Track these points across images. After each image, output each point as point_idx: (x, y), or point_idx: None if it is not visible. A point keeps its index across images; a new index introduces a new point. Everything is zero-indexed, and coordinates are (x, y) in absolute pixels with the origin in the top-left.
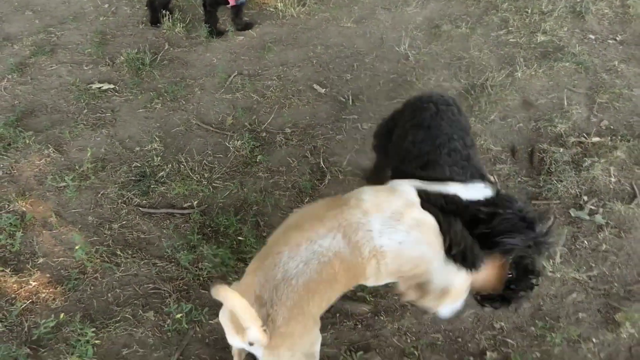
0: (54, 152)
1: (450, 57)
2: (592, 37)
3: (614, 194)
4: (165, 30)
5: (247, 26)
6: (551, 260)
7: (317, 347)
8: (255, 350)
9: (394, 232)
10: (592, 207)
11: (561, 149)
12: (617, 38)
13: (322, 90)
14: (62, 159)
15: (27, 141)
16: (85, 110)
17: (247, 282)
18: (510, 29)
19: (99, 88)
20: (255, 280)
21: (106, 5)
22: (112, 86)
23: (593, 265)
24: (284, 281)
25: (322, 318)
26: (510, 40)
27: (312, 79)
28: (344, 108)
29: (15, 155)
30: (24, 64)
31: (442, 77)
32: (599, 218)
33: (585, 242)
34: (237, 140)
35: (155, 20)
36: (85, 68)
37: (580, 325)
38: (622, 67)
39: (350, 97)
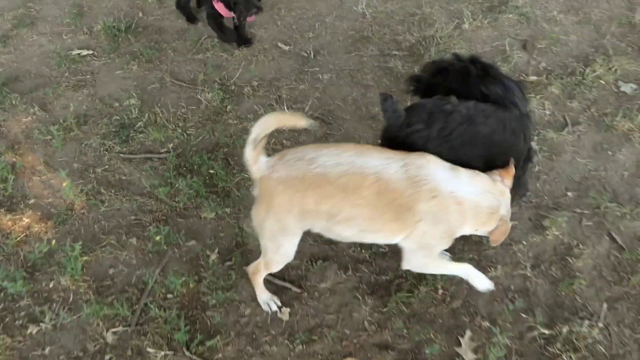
0: (39, 110)
1: (404, 14)
2: None
3: (548, 124)
4: (138, 1)
5: (247, 42)
6: None
7: (285, 244)
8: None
9: (458, 181)
10: None
11: None
12: None
13: (286, 48)
14: (47, 116)
15: (14, 102)
16: (67, 74)
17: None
18: None
19: (79, 54)
20: (293, 149)
21: None
22: (90, 52)
23: (528, 184)
24: (307, 161)
25: None
26: None
27: (277, 38)
28: (306, 62)
29: (3, 115)
30: (6, 36)
31: (397, 32)
32: (533, 145)
33: None
34: (208, 93)
35: (191, 19)
36: (65, 37)
37: (512, 231)
38: (561, 17)
39: (312, 52)
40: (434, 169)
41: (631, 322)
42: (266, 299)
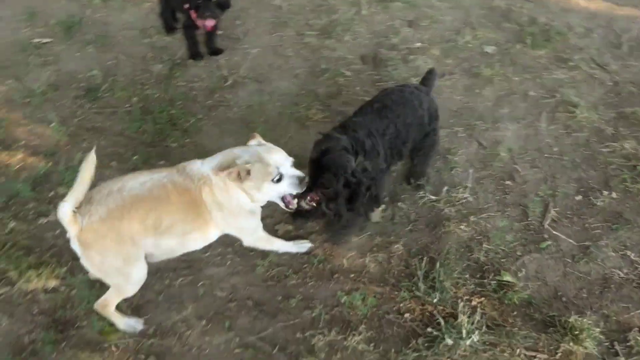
0: (14, 81)
1: (313, 5)
2: None
3: None
4: (84, 2)
5: (217, 52)
6: None
7: (134, 272)
8: (75, 247)
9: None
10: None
11: (394, 52)
12: None
13: (220, 32)
14: (21, 86)
15: None
16: (32, 56)
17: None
18: None
19: (39, 41)
20: (95, 189)
21: None
22: (50, 40)
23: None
24: (117, 191)
25: None
26: None
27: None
28: (237, 42)
29: None
30: None
31: (308, 18)
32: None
33: None
34: (159, 64)
35: (169, 29)
36: (24, 30)
37: None
38: (439, 4)
39: (241, 35)
40: (194, 162)
41: (492, 190)
42: (129, 323)
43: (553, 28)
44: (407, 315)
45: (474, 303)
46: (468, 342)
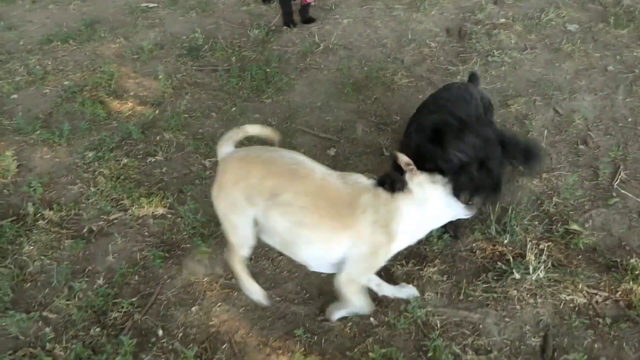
0: (124, 40)
1: None
2: None
3: (513, 48)
4: None
5: (309, 20)
6: None
7: (238, 223)
8: None
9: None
10: (498, 56)
11: (479, 26)
12: None
13: (314, 3)
14: (130, 44)
15: (102, 34)
16: (139, 19)
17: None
18: None
19: (147, 6)
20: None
21: None
22: (155, 4)
23: (496, 81)
24: (267, 149)
25: None
26: None
27: None
28: (329, 12)
29: (95, 44)
30: None
31: None
32: (503, 59)
33: (493, 72)
34: (255, 30)
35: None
36: None
37: None
38: None
39: (333, 5)
40: (360, 176)
41: (565, 152)
42: (253, 291)
43: (637, 9)
44: (478, 252)
45: (541, 246)
46: (534, 277)
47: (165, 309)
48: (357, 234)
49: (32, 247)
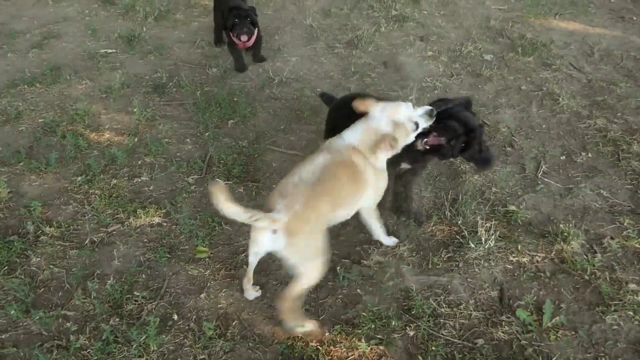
0: (89, 81)
1: (339, 24)
2: (425, 12)
3: (442, 75)
4: (139, 21)
5: (261, 60)
6: None
7: (324, 247)
8: (278, 241)
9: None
10: (430, 82)
11: (411, 59)
12: (440, 13)
13: (263, 45)
14: (97, 85)
15: (67, 77)
16: (101, 62)
17: (272, 193)
18: (375, 9)
19: (105, 51)
20: (279, 188)
21: (86, 11)
22: (114, 50)
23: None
24: (299, 182)
25: None
26: (375, 14)
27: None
28: (277, 52)
29: (61, 86)
30: (40, 44)
31: (336, 34)
32: (435, 84)
33: (428, 95)
34: (214, 68)
35: (218, 42)
36: (89, 43)
37: None
38: (444, 24)
39: (280, 47)
40: (336, 139)
41: (497, 154)
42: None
43: (538, 41)
44: (438, 233)
45: (488, 224)
46: (486, 246)
47: (175, 298)
48: (368, 186)
49: (39, 259)
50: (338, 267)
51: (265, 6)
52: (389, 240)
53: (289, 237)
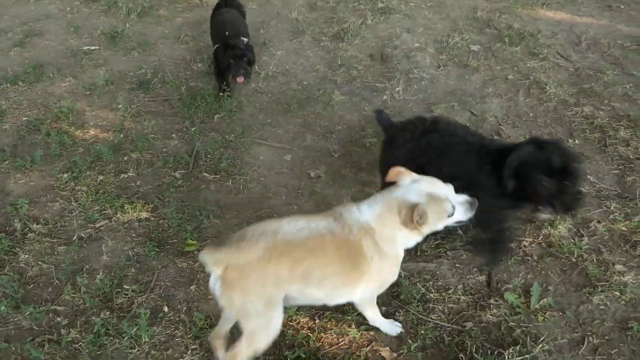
0: (73, 79)
1: (325, 17)
2: (412, 4)
3: (429, 66)
4: (122, 17)
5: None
6: None
7: (275, 315)
8: (216, 286)
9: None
10: (417, 73)
11: (397, 50)
12: (427, 4)
13: (246, 40)
14: (80, 82)
15: (50, 75)
16: (84, 60)
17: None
18: (361, 1)
19: (88, 48)
20: (252, 227)
21: (68, 9)
22: (97, 47)
23: (418, 93)
24: (272, 232)
25: None
26: (361, 7)
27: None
28: (264, 46)
29: (44, 84)
30: (21, 42)
31: (322, 27)
32: (422, 75)
33: (415, 86)
34: (199, 63)
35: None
36: (71, 41)
37: None
38: (431, 16)
39: (266, 41)
40: (350, 209)
41: None
42: None
43: (526, 31)
44: None
45: None
46: (474, 232)
47: (165, 291)
48: (370, 276)
49: (27, 256)
50: None
51: (251, 0)
52: (392, 329)
53: (224, 288)
